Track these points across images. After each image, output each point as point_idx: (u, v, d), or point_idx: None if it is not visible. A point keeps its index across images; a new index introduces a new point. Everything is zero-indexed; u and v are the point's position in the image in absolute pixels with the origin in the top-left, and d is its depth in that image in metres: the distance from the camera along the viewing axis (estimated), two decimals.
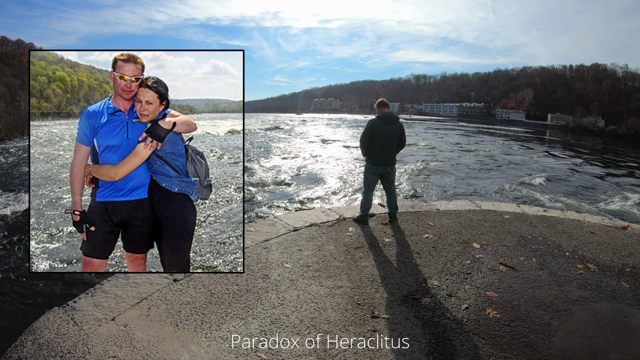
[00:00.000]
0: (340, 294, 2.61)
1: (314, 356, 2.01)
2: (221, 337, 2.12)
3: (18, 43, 55.28)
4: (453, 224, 4.10)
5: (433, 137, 32.85)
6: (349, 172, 13.64)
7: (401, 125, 4.05)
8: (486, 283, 2.85)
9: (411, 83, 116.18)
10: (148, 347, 1.98)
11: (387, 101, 4.10)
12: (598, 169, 19.39)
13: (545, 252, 3.48)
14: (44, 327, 2.09)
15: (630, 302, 2.69)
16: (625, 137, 60.57)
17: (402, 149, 4.17)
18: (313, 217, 4.09)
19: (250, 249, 3.23)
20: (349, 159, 17.18)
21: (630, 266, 3.28)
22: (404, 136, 4.09)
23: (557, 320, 2.41)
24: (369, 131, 3.95)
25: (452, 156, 20.23)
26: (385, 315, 2.39)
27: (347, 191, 10.77)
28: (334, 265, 3.04)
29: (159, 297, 2.45)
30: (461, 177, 14.10)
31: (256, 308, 2.40)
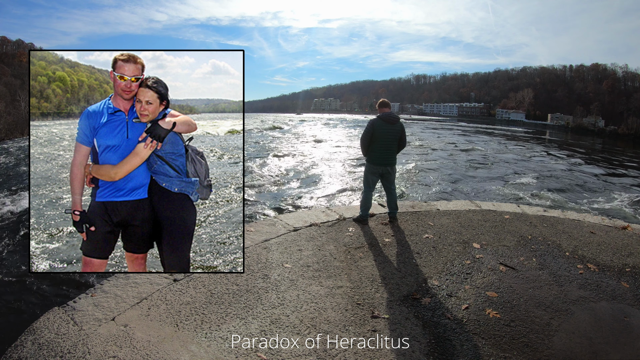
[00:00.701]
0: (340, 294, 2.61)
1: (314, 356, 2.01)
2: (221, 337, 2.12)
3: (18, 43, 55.31)
4: (453, 224, 4.10)
5: (429, 137, 32.88)
6: (349, 172, 13.64)
7: (402, 125, 4.06)
8: (486, 283, 2.85)
9: (411, 83, 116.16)
10: (148, 347, 1.98)
11: (388, 101, 4.10)
12: (593, 168, 19.39)
13: (545, 252, 3.48)
14: (44, 327, 2.09)
15: (630, 302, 2.69)
16: (625, 137, 60.58)
17: (403, 149, 4.18)
18: (313, 217, 4.09)
19: (250, 249, 3.23)
20: (348, 158, 17.18)
21: (630, 266, 3.28)
22: (405, 136, 4.09)
23: (557, 320, 2.41)
24: (370, 131, 3.96)
25: (443, 155, 20.27)
26: (385, 315, 2.40)
27: (347, 191, 10.77)
28: (334, 265, 3.04)
29: (159, 297, 2.45)
30: (447, 173, 14.16)
31: (256, 308, 2.40)
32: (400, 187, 11.24)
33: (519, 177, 14.12)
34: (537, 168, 17.30)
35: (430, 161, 17.46)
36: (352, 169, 14.23)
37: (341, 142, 25.12)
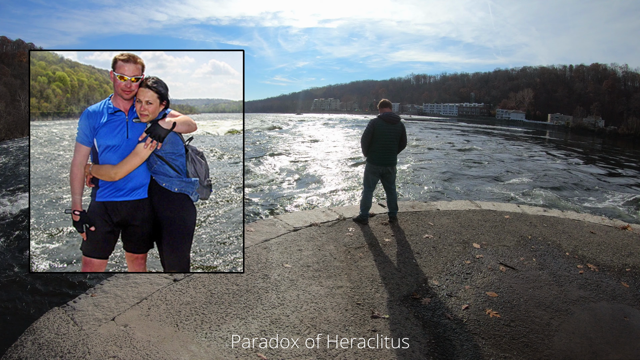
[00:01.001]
0: (340, 294, 2.61)
1: (314, 356, 2.01)
2: (221, 337, 2.12)
3: (18, 43, 55.33)
4: (453, 224, 4.10)
5: (427, 137, 32.84)
6: (348, 172, 13.64)
7: (402, 125, 4.06)
8: (486, 283, 2.85)
9: (411, 83, 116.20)
10: (148, 347, 1.98)
11: (389, 101, 4.11)
12: (590, 167, 19.38)
13: (545, 252, 3.48)
14: (44, 327, 2.09)
15: (630, 302, 2.69)
16: (625, 137, 60.58)
17: (403, 149, 4.18)
18: (313, 217, 4.09)
19: (250, 249, 3.23)
20: (348, 158, 17.17)
21: (630, 266, 3.28)
22: (405, 136, 4.09)
23: (557, 320, 2.41)
24: (370, 131, 3.96)
25: (439, 154, 20.27)
26: (385, 315, 2.39)
27: (346, 191, 10.77)
28: (334, 265, 3.04)
29: (159, 297, 2.45)
30: (441, 171, 14.15)
31: (256, 308, 2.40)
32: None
33: (514, 177, 14.11)
34: (533, 167, 17.30)
35: (424, 160, 17.43)
36: (352, 169, 14.23)
37: (341, 142, 25.13)
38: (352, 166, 14.83)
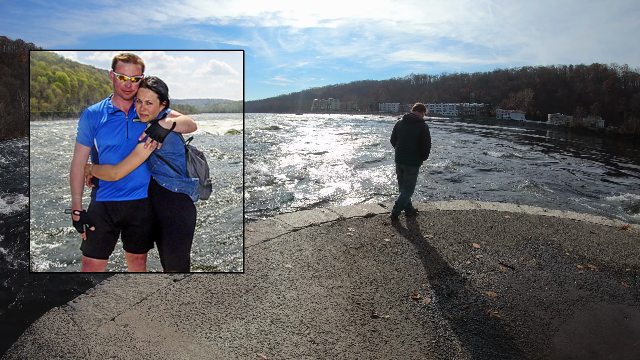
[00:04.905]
0: (340, 294, 2.61)
1: (314, 356, 2.01)
2: (221, 337, 2.12)
3: (18, 43, 55.30)
4: (453, 224, 4.10)
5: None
6: (348, 172, 13.63)
7: (420, 127, 4.11)
8: (486, 283, 2.85)
9: (411, 83, 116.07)
10: (148, 347, 1.98)
11: (420, 104, 4.34)
12: (589, 167, 19.31)
13: (545, 252, 3.48)
14: (44, 327, 2.09)
15: (630, 302, 2.69)
16: (625, 137, 60.58)
17: (425, 152, 4.16)
18: (313, 217, 4.09)
19: (250, 249, 3.23)
20: (348, 158, 17.17)
21: (630, 266, 3.28)
22: (424, 138, 4.11)
23: (557, 320, 2.41)
24: (394, 130, 4.35)
25: (435, 155, 20.17)
26: (385, 315, 2.40)
27: (346, 191, 10.76)
28: (334, 265, 3.04)
29: (159, 297, 2.45)
30: (437, 171, 14.12)
31: (256, 308, 2.40)
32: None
33: (511, 176, 14.08)
34: (531, 167, 17.25)
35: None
36: (352, 169, 14.22)
37: (341, 142, 25.12)
38: (353, 166, 14.82)
